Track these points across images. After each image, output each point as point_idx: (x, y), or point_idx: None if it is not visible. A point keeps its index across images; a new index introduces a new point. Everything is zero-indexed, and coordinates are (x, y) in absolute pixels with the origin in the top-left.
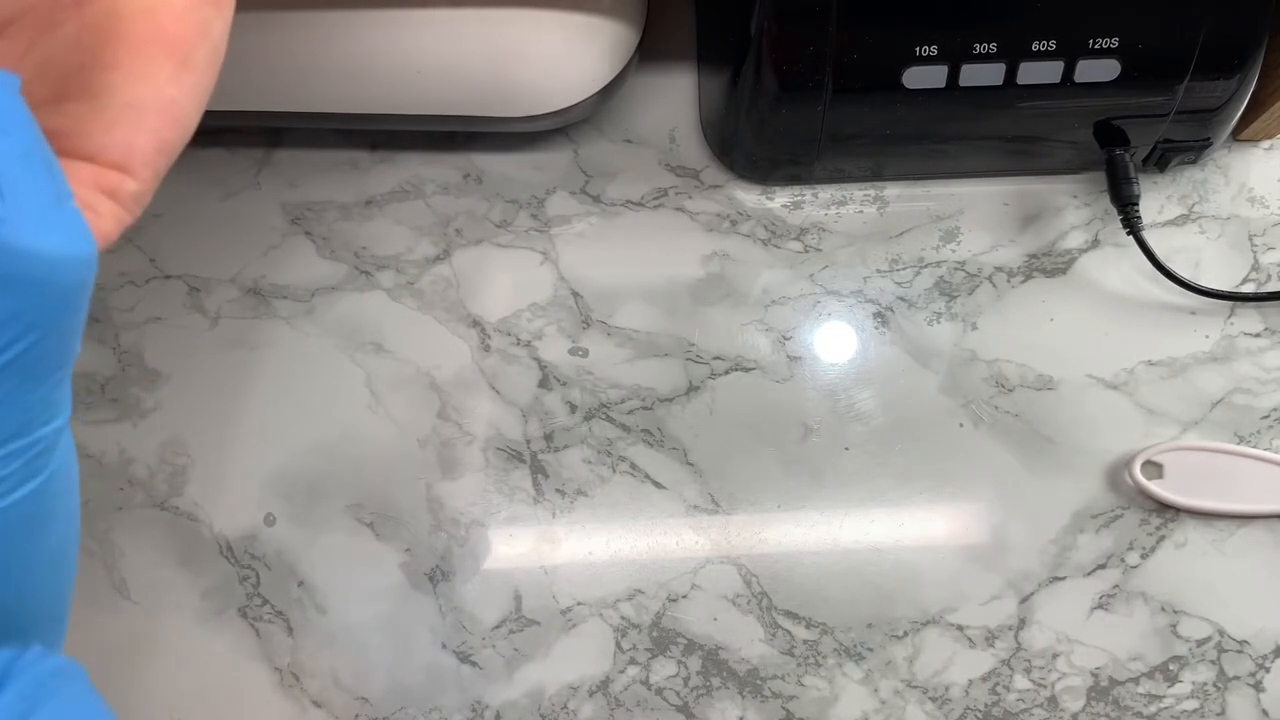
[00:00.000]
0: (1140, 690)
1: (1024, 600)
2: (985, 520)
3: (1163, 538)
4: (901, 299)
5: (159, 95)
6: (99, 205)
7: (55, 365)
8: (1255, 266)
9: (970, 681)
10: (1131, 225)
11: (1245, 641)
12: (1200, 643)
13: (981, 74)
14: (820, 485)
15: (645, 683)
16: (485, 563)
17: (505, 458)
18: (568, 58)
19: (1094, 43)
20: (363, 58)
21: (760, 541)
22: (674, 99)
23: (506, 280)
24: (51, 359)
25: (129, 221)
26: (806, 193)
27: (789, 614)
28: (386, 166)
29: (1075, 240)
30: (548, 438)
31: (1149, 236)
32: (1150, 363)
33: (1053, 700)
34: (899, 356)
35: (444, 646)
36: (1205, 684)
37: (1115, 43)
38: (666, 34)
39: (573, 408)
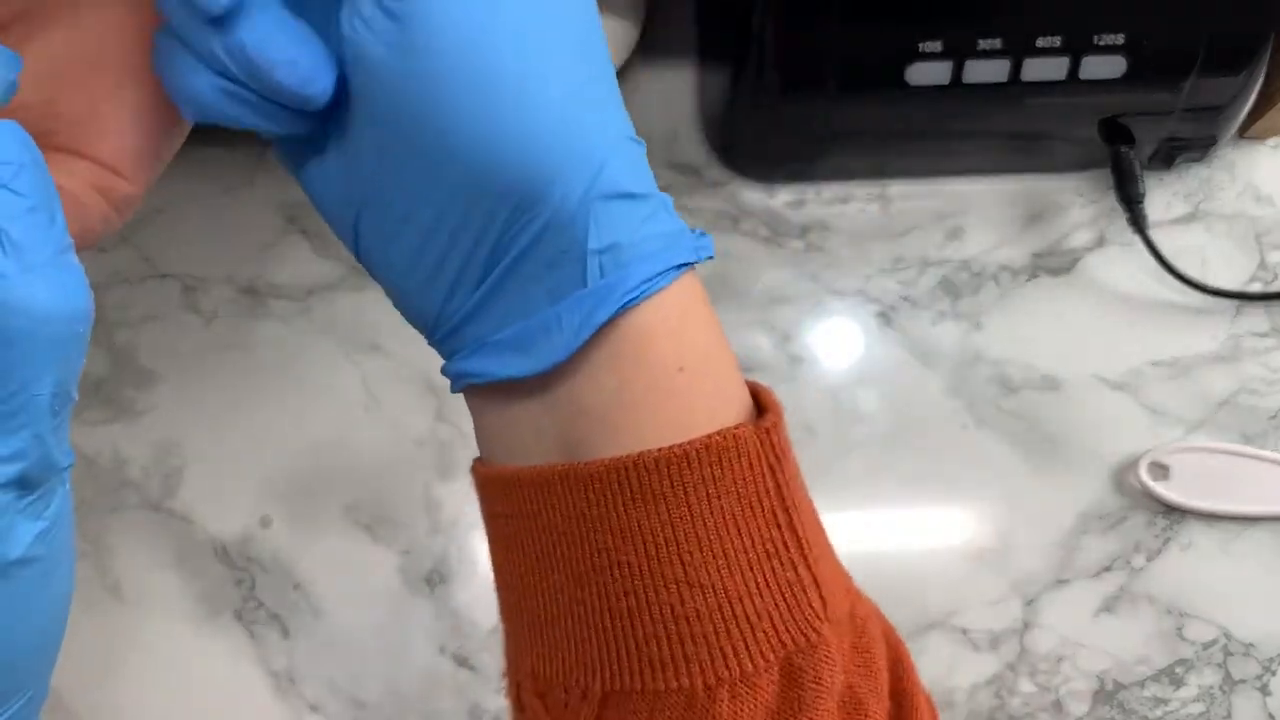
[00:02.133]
0: (1146, 694)
1: (1028, 603)
2: (989, 522)
3: (1168, 540)
4: (905, 298)
5: (151, 101)
6: (87, 199)
7: (51, 415)
8: (1262, 265)
9: (974, 685)
10: (1137, 223)
11: (1251, 645)
12: (1206, 646)
13: (986, 70)
14: (822, 487)
15: None
16: (483, 565)
17: None
18: None
19: (1100, 39)
20: None
21: None
22: (675, 96)
23: None
24: (47, 409)
25: (116, 223)
26: (809, 190)
27: None
28: None
29: (1080, 239)
30: None
31: (1155, 234)
32: (1156, 363)
33: (1057, 704)
34: (902, 356)
35: (442, 650)
36: (1211, 687)
37: (1121, 39)
38: (667, 30)
39: None
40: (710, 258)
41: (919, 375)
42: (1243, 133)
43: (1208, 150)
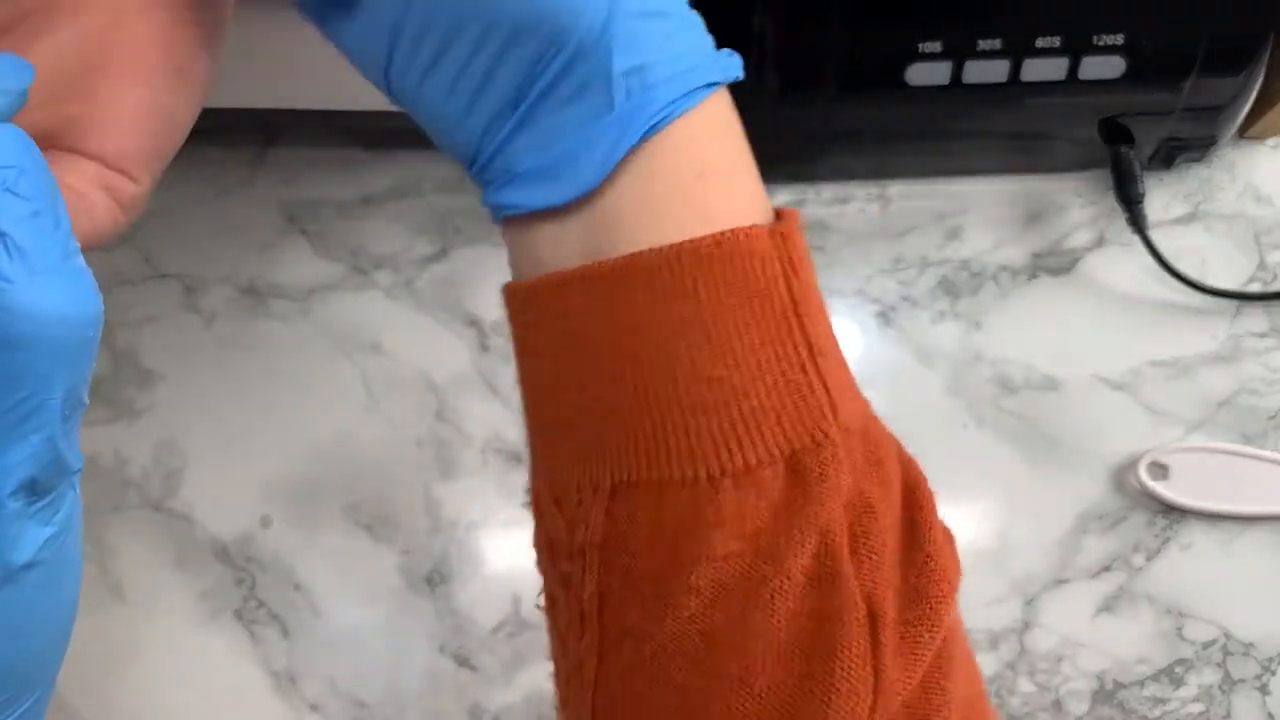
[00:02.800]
0: (1145, 694)
1: (1028, 603)
2: (989, 522)
3: (1168, 539)
4: (905, 298)
5: (156, 101)
6: (94, 198)
7: (62, 419)
8: (1261, 265)
9: None
10: (1137, 224)
11: (1251, 644)
12: (1206, 645)
13: (986, 71)
14: None
15: None
16: (484, 565)
17: (504, 459)
18: None
19: (1099, 39)
20: None
21: None
22: None
23: (505, 279)
24: (59, 413)
25: (123, 222)
26: (808, 191)
27: None
28: (384, 164)
29: (1080, 239)
30: None
31: (1155, 235)
32: (1156, 362)
33: (1057, 704)
34: (902, 357)
35: (442, 650)
36: (1211, 687)
37: (1120, 39)
38: None
39: None
40: (739, 79)
41: (919, 375)
42: (1242, 133)
43: (1208, 150)
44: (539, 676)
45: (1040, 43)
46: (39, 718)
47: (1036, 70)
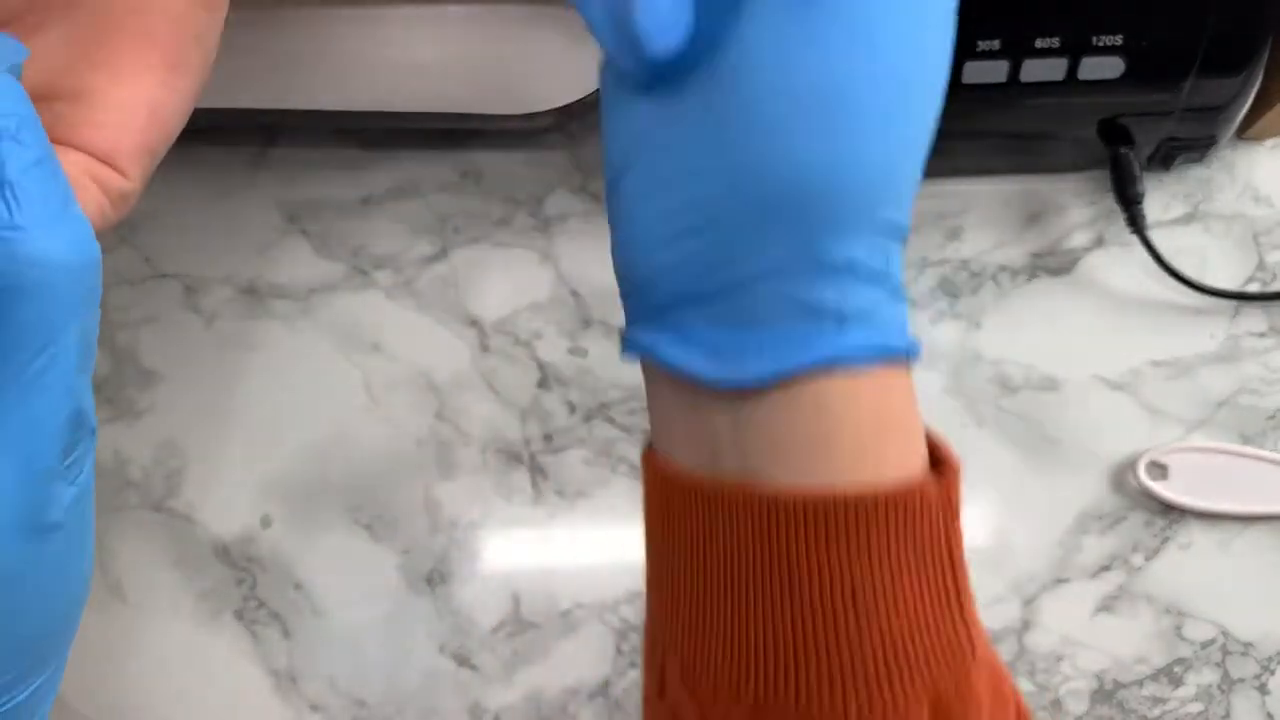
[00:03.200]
0: (1144, 693)
1: (1028, 602)
2: (988, 522)
3: (1167, 539)
4: None
5: (148, 98)
6: (85, 187)
7: (77, 371)
8: (1260, 265)
9: None
10: (1136, 224)
11: (1250, 644)
12: (1205, 645)
13: (984, 71)
14: None
15: None
16: (484, 565)
17: (504, 459)
18: (567, 55)
19: (1098, 40)
20: (360, 55)
21: None
22: None
23: (505, 279)
24: (74, 364)
25: (113, 217)
26: None
27: None
28: (384, 165)
29: (1080, 239)
30: (547, 438)
31: (1154, 235)
32: (1155, 363)
33: (1057, 704)
34: None
35: (442, 649)
36: (1210, 686)
37: (1120, 40)
38: None
39: (572, 408)
40: (918, 358)
41: (919, 375)
42: (1242, 133)
43: (1207, 151)
44: (539, 676)
45: (1039, 43)
46: (51, 696)
47: (1036, 70)
